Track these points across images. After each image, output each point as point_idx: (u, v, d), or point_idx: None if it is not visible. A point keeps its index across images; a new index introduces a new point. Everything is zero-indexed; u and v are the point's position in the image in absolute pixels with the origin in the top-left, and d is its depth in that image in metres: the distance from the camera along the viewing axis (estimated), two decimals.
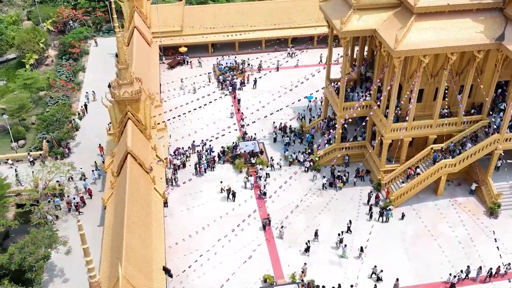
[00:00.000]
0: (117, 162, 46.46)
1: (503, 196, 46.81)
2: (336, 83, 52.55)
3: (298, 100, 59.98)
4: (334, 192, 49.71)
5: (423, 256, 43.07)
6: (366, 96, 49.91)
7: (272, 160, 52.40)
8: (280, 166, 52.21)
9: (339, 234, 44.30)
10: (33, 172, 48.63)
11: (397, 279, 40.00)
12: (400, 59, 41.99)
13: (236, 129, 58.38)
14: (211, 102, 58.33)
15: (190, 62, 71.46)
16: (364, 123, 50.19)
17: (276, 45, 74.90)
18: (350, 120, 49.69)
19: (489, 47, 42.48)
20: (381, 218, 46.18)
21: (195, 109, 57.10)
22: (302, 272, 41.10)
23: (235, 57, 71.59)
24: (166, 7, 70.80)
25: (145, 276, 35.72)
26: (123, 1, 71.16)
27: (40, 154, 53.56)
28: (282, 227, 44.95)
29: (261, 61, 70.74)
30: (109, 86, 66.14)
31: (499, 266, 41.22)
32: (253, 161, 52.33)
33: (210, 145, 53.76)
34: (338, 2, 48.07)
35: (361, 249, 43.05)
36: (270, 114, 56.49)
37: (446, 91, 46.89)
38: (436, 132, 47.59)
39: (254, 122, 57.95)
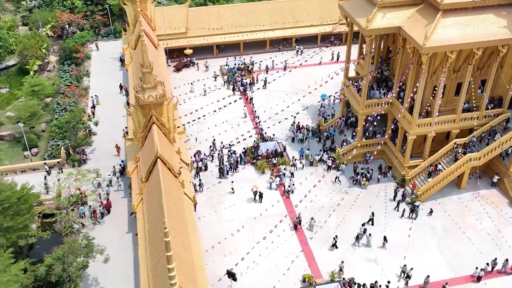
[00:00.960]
0: (144, 167, 45.85)
1: None
2: (355, 81, 52.85)
3: (318, 102, 59.69)
4: (359, 190, 49.98)
5: (455, 249, 43.62)
6: (387, 93, 50.38)
7: (295, 160, 52.46)
8: (303, 165, 52.25)
9: (362, 225, 45.03)
10: (58, 180, 47.61)
11: (428, 276, 40.28)
12: (429, 55, 42.41)
13: (250, 130, 58.06)
14: (225, 106, 57.65)
15: (197, 64, 70.94)
16: (371, 121, 50.35)
17: (281, 45, 75.00)
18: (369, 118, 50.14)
19: None
20: (411, 213, 46.59)
21: (211, 112, 56.54)
22: (340, 270, 41.23)
23: (243, 58, 71.40)
24: (170, 9, 70.15)
25: (192, 283, 35.35)
26: (126, 4, 70.34)
27: (58, 162, 52.43)
28: (313, 225, 45.07)
29: (273, 61, 70.77)
30: (121, 88, 65.44)
31: None
32: (274, 161, 52.24)
33: (230, 147, 53.53)
34: (358, 0, 48.33)
35: (384, 239, 43.73)
36: (282, 112, 56.40)
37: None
38: (459, 126, 48.27)
39: (266, 122, 57.98)
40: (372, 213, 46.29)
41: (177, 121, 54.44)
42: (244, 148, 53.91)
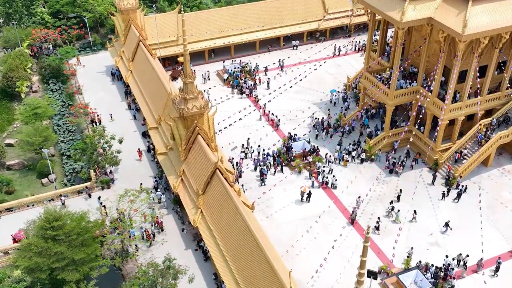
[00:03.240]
0: (195, 180, 44.54)
1: None
2: (379, 73, 54.25)
3: (326, 97, 60.50)
4: (397, 178, 51.37)
5: (504, 223, 46.03)
6: (411, 82, 52.18)
7: (330, 156, 53.00)
8: (339, 160, 52.88)
9: (390, 203, 46.98)
10: (102, 204, 45.04)
11: (481, 259, 41.73)
12: (466, 42, 44.46)
13: (269, 133, 58.02)
14: (240, 111, 57.20)
15: (193, 71, 69.26)
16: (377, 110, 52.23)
17: (269, 46, 75.18)
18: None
19: None
20: (455, 195, 48.55)
21: (226, 119, 55.65)
22: (408, 256, 42.29)
23: (238, 60, 70.85)
24: (160, 17, 68.03)
25: None
26: (114, 15, 67.47)
27: (86, 187, 49.53)
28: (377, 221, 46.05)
29: (280, 59, 71.02)
30: (130, 104, 62.40)
31: None
32: (310, 160, 52.46)
33: (264, 150, 53.24)
34: None
35: (415, 212, 45.77)
36: (294, 110, 56.79)
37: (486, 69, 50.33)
38: (484, 108, 50.99)
39: (285, 123, 58.06)
40: (400, 190, 48.41)
41: None
42: (276, 150, 53.64)
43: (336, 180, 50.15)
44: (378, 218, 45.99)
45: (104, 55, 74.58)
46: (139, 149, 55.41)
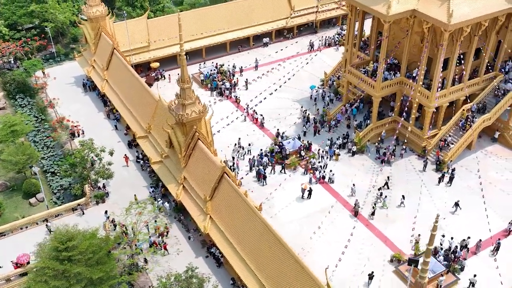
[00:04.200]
0: (200, 186, 43.87)
1: None
2: (362, 67, 55.31)
3: (306, 92, 60.93)
4: (390, 168, 52.63)
5: (498, 202, 48.10)
6: (395, 74, 53.59)
7: (322, 151, 53.57)
8: (331, 156, 53.51)
9: (379, 189, 48.46)
10: (111, 219, 43.55)
11: (480, 240, 43.36)
12: (452, 32, 46.18)
13: (255, 131, 58.21)
14: (228, 116, 56.84)
15: (169, 75, 68.19)
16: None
17: (240, 46, 75.00)
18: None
19: None
20: (448, 180, 50.33)
21: (217, 126, 55.20)
22: (417, 242, 43.49)
23: (211, 63, 70.23)
24: (130, 24, 66.22)
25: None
26: (83, 24, 65.14)
27: (78, 204, 47.62)
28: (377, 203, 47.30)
29: (256, 59, 71.11)
30: (109, 114, 60.20)
31: None
32: (302, 157, 52.83)
33: (261, 150, 53.19)
34: None
35: (403, 197, 47.51)
36: (277, 109, 57.13)
37: (463, 56, 52.39)
38: (465, 93, 53.08)
39: (269, 121, 58.24)
40: (388, 177, 49.94)
41: None
42: (268, 150, 53.65)
43: (333, 174, 50.78)
44: (374, 204, 47.35)
45: (70, 65, 71.87)
46: (125, 155, 54.10)
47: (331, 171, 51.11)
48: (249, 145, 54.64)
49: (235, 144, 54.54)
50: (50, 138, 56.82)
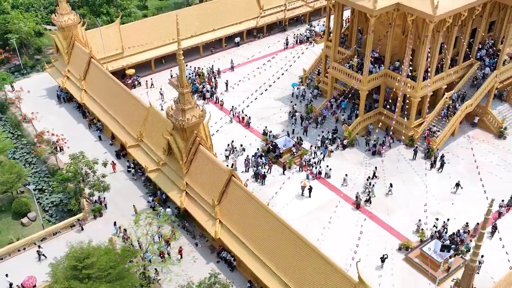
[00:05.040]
0: (206, 191, 43.36)
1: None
2: (347, 62, 56.24)
3: (288, 90, 61.14)
4: (380, 158, 53.74)
5: (488, 184, 49.91)
6: (379, 67, 54.82)
7: (315, 147, 54.08)
8: (324, 156, 53.99)
9: (367, 179, 49.70)
10: (125, 230, 42.33)
11: (478, 224, 44.99)
12: (436, 23, 47.74)
13: (243, 131, 58.24)
14: (216, 122, 56.24)
15: (146, 81, 66.77)
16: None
17: (212, 48, 74.49)
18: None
19: None
20: (439, 166, 52.02)
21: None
22: (422, 229, 44.71)
23: (190, 67, 69.34)
24: (102, 31, 64.33)
25: None
26: (55, 34, 62.72)
27: (78, 220, 45.99)
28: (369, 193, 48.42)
29: (232, 60, 70.65)
30: (90, 125, 58.22)
31: None
32: (295, 155, 53.21)
33: (258, 149, 53.21)
34: None
35: (391, 185, 48.87)
36: (261, 109, 57.62)
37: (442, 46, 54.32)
38: (446, 82, 55.07)
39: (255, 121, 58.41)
40: (376, 167, 51.14)
41: None
42: (260, 150, 53.70)
43: (330, 169, 51.37)
44: (369, 191, 48.62)
45: (39, 77, 69.01)
46: (112, 161, 52.87)
47: (327, 166, 51.70)
48: (241, 146, 54.41)
49: (228, 145, 54.12)
50: (32, 154, 54.41)
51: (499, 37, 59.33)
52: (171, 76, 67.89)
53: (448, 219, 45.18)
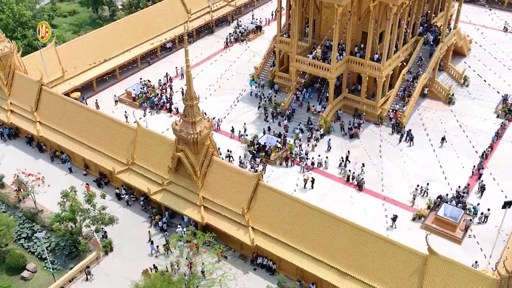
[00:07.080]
0: (229, 202, 42.46)
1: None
2: (309, 53, 57.89)
3: (244, 90, 60.91)
4: (359, 140, 56.41)
5: (459, 148, 54.65)
6: (341, 54, 57.25)
7: (300, 140, 55.11)
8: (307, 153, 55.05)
9: (342, 161, 52.40)
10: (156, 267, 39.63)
11: (469, 184, 49.33)
12: (399, 5, 51.25)
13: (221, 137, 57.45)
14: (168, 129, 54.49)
15: (96, 101, 62.32)
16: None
17: (149, 58, 71.80)
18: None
19: None
20: (409, 139, 55.93)
21: None
22: (427, 197, 48.12)
23: (141, 80, 66.11)
24: (38, 55, 58.78)
25: None
26: None
27: (97, 258, 42.32)
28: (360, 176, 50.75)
29: (177, 67, 69.15)
30: (53, 158, 53.08)
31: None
32: (282, 151, 53.87)
33: (255, 149, 53.12)
34: None
35: (363, 165, 51.86)
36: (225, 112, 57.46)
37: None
38: (401, 59, 59.19)
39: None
40: (348, 151, 53.65)
41: None
42: (247, 151, 53.59)
43: (323, 159, 52.69)
44: (362, 167, 51.47)
45: None
46: (86, 183, 50.09)
47: (319, 155, 53.05)
48: (228, 150, 53.54)
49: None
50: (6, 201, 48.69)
51: (431, 13, 65.21)
52: (115, 95, 64.09)
53: (428, 183, 49.21)
